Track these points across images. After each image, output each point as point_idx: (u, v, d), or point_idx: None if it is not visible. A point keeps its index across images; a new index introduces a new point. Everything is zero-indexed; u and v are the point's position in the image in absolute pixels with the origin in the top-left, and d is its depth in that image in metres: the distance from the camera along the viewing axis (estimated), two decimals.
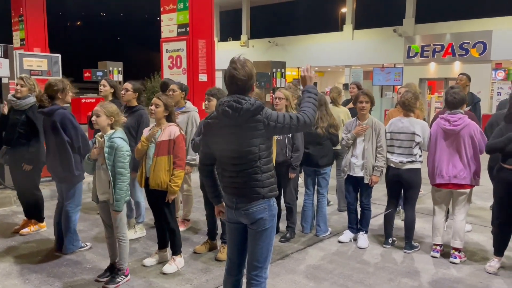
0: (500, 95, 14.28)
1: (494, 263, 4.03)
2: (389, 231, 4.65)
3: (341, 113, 5.74)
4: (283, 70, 10.84)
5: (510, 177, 3.84)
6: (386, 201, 4.71)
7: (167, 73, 8.23)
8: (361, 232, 4.72)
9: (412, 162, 4.37)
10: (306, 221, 5.02)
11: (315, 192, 5.03)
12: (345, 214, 4.98)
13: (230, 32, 24.80)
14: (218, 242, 4.41)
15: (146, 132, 3.97)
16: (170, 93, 4.80)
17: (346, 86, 18.28)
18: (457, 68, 15.83)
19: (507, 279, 3.87)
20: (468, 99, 6.24)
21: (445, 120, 4.21)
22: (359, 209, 4.77)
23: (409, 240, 4.52)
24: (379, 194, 6.20)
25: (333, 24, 22.15)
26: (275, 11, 24.05)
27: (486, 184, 4.62)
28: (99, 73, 13.64)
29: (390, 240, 4.64)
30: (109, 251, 3.84)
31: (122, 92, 4.62)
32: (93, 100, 14.09)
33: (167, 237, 4.03)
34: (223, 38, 24.20)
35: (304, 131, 4.30)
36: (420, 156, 4.42)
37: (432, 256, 4.34)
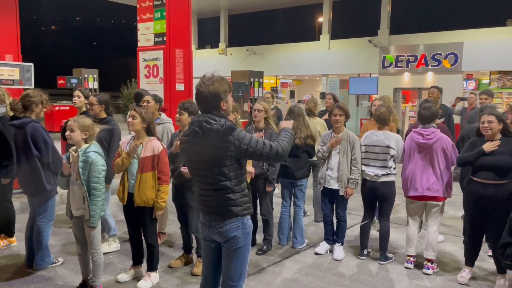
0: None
1: (465, 274, 4.13)
2: (364, 242, 4.71)
3: (317, 125, 5.79)
4: (260, 80, 10.90)
5: (479, 190, 3.95)
6: (362, 212, 4.77)
7: (143, 82, 8.15)
8: (337, 244, 4.76)
9: (387, 175, 4.45)
10: (283, 233, 5.03)
11: (292, 203, 5.06)
12: (322, 225, 5.02)
13: (208, 39, 24.79)
14: (194, 256, 4.37)
15: (124, 145, 3.88)
16: (144, 104, 4.76)
17: (323, 94, 18.52)
18: (430, 78, 16.25)
19: None
20: (442, 111, 6.44)
21: (418, 134, 4.31)
22: (335, 221, 4.82)
23: (383, 251, 4.58)
24: (355, 204, 6.28)
25: (310, 34, 22.45)
26: (253, 19, 24.23)
27: (458, 193, 4.74)
28: (74, 80, 13.40)
29: (365, 252, 4.70)
30: (81, 268, 3.75)
31: (89, 107, 4.56)
32: (67, 108, 13.80)
33: (143, 253, 3.97)
34: (201, 46, 24.16)
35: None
36: (394, 168, 4.51)
37: (406, 267, 4.42)
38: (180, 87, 8.09)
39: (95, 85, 14.46)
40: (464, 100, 9.43)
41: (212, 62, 22.24)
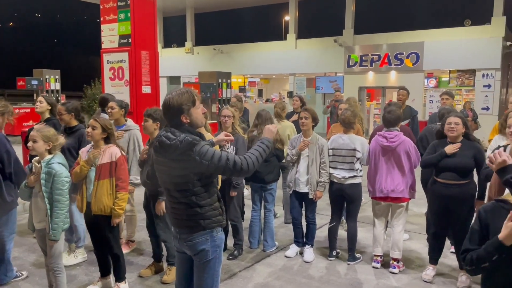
0: (432, 102, 15.28)
1: (429, 271, 4.29)
2: (333, 243, 4.80)
3: (287, 128, 5.85)
4: (228, 81, 10.88)
5: (443, 190, 4.11)
6: (330, 212, 4.86)
7: (108, 85, 7.97)
8: (307, 246, 4.83)
9: (354, 177, 4.56)
10: (253, 237, 5.06)
11: (262, 207, 5.09)
12: (292, 226, 5.08)
13: (175, 38, 24.48)
14: (165, 264, 4.32)
15: (83, 154, 3.80)
16: (109, 110, 4.66)
17: (290, 94, 18.71)
18: (393, 77, 16.69)
19: (441, 286, 4.13)
20: (406, 112, 6.64)
21: (382, 137, 4.43)
22: (304, 223, 4.89)
23: (352, 251, 4.69)
24: (323, 204, 6.38)
25: (277, 33, 22.56)
26: (220, 18, 24.12)
27: (421, 190, 4.89)
28: (35, 82, 12.93)
29: (334, 253, 4.79)
30: (48, 280, 3.64)
31: (58, 116, 4.43)
32: (27, 110, 13.29)
33: (110, 263, 3.89)
34: (167, 45, 23.81)
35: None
36: (361, 170, 4.62)
37: (374, 267, 4.54)
38: (146, 89, 7.97)
39: (57, 86, 14.00)
40: None
41: (178, 61, 22.02)
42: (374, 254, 4.62)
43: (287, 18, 20.75)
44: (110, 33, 7.90)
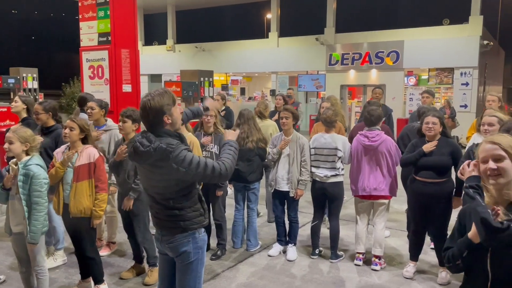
0: (412, 100, 15.50)
1: (410, 268, 4.36)
2: (316, 242, 4.83)
3: (269, 127, 5.85)
4: (211, 79, 10.80)
5: (422, 188, 4.18)
6: (311, 209, 4.88)
7: (87, 84, 7.82)
8: (289, 245, 4.85)
9: (336, 175, 4.59)
10: (236, 236, 5.04)
11: (245, 207, 5.08)
12: (275, 225, 5.08)
13: (156, 36, 24.22)
14: (146, 266, 4.28)
15: (59, 155, 3.72)
16: (89, 111, 4.58)
17: (273, 92, 18.73)
18: (374, 75, 16.87)
19: (422, 283, 4.20)
20: (382, 111, 6.73)
21: (364, 136, 4.47)
22: (287, 222, 4.90)
23: (334, 249, 4.73)
24: (305, 203, 6.40)
25: (259, 31, 22.54)
26: (201, 16, 23.96)
27: (401, 187, 4.95)
28: (11, 80, 12.60)
29: (317, 251, 4.82)
30: (24, 286, 3.56)
31: (34, 116, 4.33)
32: (4, 109, 12.94)
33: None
34: (148, 42, 23.53)
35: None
36: (342, 169, 4.66)
37: (356, 264, 4.58)
38: (127, 88, 7.85)
39: (35, 85, 13.66)
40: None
41: (160, 59, 21.78)
42: (356, 251, 4.66)
43: (269, 16, 20.76)
44: (89, 31, 7.74)
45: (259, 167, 4.94)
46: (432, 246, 4.73)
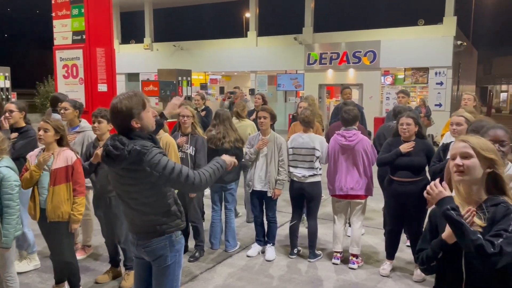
0: (389, 99, 15.75)
1: (386, 266, 4.42)
2: (294, 242, 4.85)
3: (248, 127, 5.84)
4: (189, 78, 10.73)
5: (398, 188, 4.24)
6: (290, 209, 4.89)
7: (62, 83, 7.64)
8: (268, 245, 4.85)
9: (314, 175, 4.61)
10: (215, 237, 5.02)
11: (223, 207, 5.06)
12: (253, 225, 5.08)
13: (133, 34, 23.88)
14: (123, 269, 4.20)
15: (33, 158, 3.61)
16: (62, 111, 4.48)
17: (252, 91, 18.73)
18: (351, 75, 17.06)
19: (398, 280, 4.27)
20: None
21: (341, 136, 4.51)
22: (265, 222, 4.90)
23: (312, 249, 4.75)
24: (283, 202, 6.42)
25: (238, 30, 22.52)
26: (180, 14, 23.73)
27: (378, 186, 5.02)
28: None
29: (295, 251, 4.84)
30: None
31: (6, 114, 4.19)
32: None
33: (65, 270, 3.73)
34: (125, 41, 23.18)
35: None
36: (320, 169, 4.68)
37: (334, 263, 4.62)
38: (102, 87, 7.70)
39: (7, 84, 13.30)
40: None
41: (137, 58, 21.49)
42: (334, 250, 4.70)
43: (247, 15, 20.74)
44: (63, 29, 7.55)
45: (235, 167, 4.91)
46: (408, 243, 4.82)
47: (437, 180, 1.94)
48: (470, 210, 1.83)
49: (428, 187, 1.93)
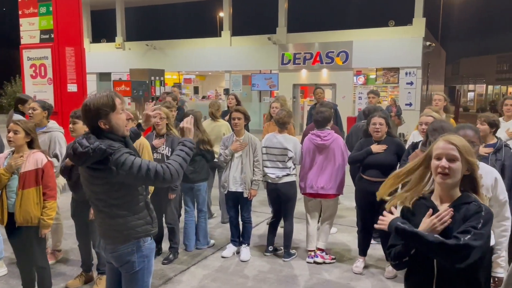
0: (361, 99, 16.01)
1: (359, 264, 4.49)
2: (271, 239, 4.88)
3: (222, 127, 5.82)
4: (162, 78, 10.60)
5: (368, 187, 4.31)
6: (265, 208, 4.91)
7: (29, 83, 7.43)
8: (243, 245, 4.85)
9: (288, 175, 4.64)
10: (188, 239, 4.98)
11: (195, 208, 5.03)
12: (229, 226, 5.07)
13: (104, 33, 23.40)
14: (95, 273, 4.12)
15: (1, 160, 3.48)
16: (30, 111, 4.35)
17: (227, 91, 18.68)
18: (325, 74, 17.25)
19: (370, 278, 4.34)
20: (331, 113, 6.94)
21: (316, 136, 4.56)
22: (241, 222, 4.90)
23: (287, 248, 4.78)
24: (257, 202, 6.44)
25: (211, 30, 22.41)
26: (152, 13, 23.43)
27: (351, 184, 5.08)
28: None
29: (270, 248, 4.86)
30: None
31: None
32: None
33: (34, 276, 3.62)
34: (96, 39, 22.70)
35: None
36: (294, 169, 4.71)
37: (308, 262, 4.66)
38: (72, 88, 7.53)
39: None
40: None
41: (109, 57, 21.08)
42: (308, 249, 4.74)
43: (221, 14, 20.67)
44: (30, 28, 7.35)
45: (203, 167, 4.89)
46: (379, 240, 4.92)
47: (385, 212, 2.03)
48: (448, 210, 1.87)
49: (379, 221, 2.04)
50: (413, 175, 2.09)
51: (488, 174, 2.72)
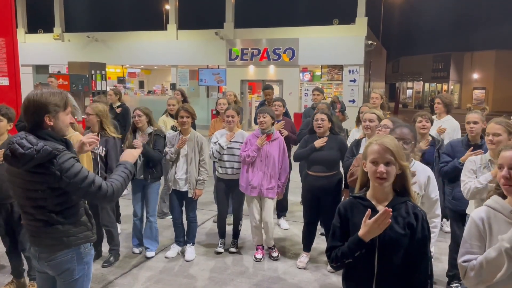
0: (307, 95, 16.31)
1: (303, 259, 4.57)
2: (221, 234, 4.89)
3: (169, 125, 5.67)
4: (103, 72, 10.16)
5: (313, 182, 4.40)
6: (210, 206, 4.87)
7: None
8: (188, 244, 4.76)
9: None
10: (135, 240, 4.81)
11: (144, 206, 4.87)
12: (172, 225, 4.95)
13: (41, 23, 22.05)
14: (27, 280, 3.86)
15: None
16: None
17: (173, 86, 18.31)
18: (272, 71, 17.39)
19: (314, 271, 4.42)
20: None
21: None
22: (185, 222, 4.81)
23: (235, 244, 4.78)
24: (204, 201, 6.36)
25: (157, 22, 21.81)
26: (94, 3, 22.40)
27: (297, 179, 5.14)
28: None
29: (221, 242, 4.87)
30: None
31: None
32: None
33: None
34: (32, 30, 21.34)
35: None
36: None
37: (255, 257, 4.66)
38: (3, 81, 7.00)
39: None
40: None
41: (46, 49, 19.91)
42: (255, 245, 4.75)
43: (167, 7, 20.17)
44: None
45: (157, 166, 4.75)
46: (323, 232, 5.05)
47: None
48: (387, 211, 1.90)
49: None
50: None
51: (421, 172, 2.84)
